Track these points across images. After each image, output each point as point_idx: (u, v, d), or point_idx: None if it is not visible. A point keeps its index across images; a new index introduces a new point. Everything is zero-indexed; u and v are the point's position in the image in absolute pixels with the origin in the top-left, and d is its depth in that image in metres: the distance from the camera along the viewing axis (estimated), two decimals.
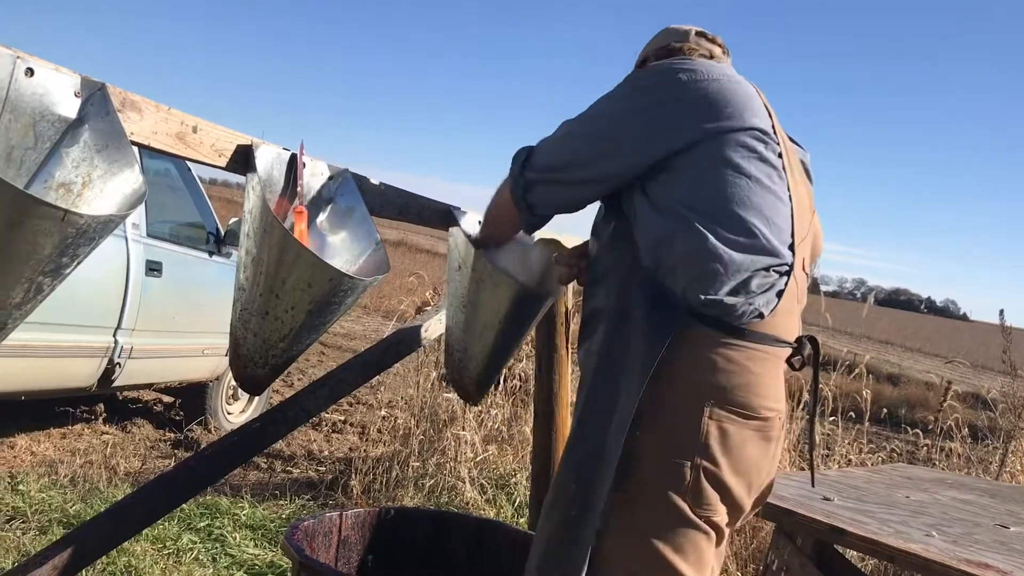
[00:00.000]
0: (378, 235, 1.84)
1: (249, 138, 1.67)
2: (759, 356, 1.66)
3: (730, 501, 1.66)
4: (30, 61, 1.32)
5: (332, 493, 4.56)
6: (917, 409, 15.61)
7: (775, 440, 1.72)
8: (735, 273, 1.62)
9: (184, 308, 5.35)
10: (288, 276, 1.63)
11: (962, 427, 5.71)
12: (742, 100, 1.70)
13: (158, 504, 1.75)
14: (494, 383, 2.31)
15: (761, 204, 1.66)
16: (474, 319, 2.05)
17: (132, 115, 1.45)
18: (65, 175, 1.38)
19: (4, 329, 1.31)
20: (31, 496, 3.90)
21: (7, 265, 1.22)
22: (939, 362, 28.12)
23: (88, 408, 5.64)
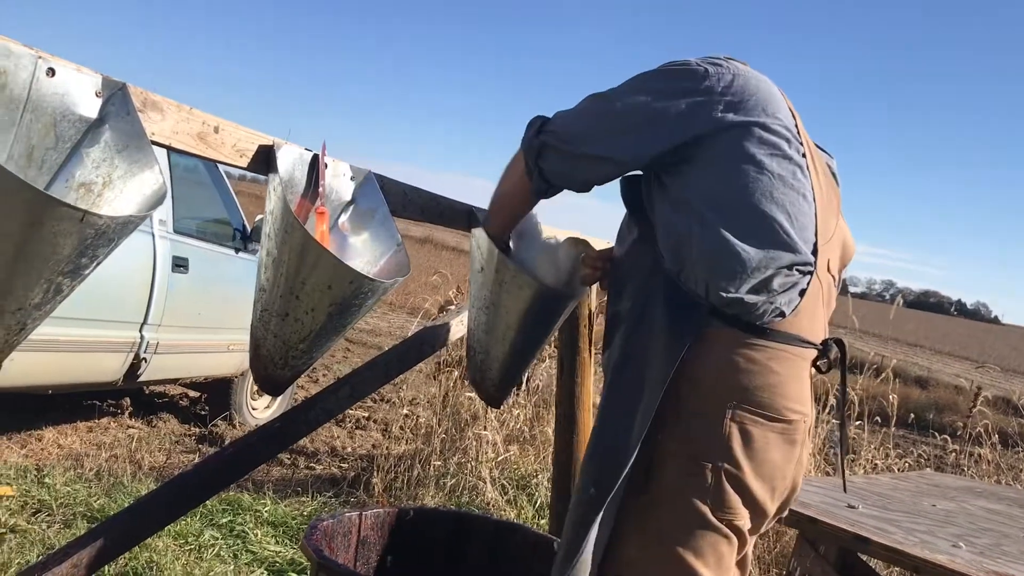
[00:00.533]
0: (399, 236, 1.83)
1: (271, 138, 1.66)
2: (782, 356, 1.63)
3: (753, 505, 1.64)
4: (51, 61, 1.32)
5: (354, 490, 4.57)
6: (946, 413, 15.44)
7: (800, 444, 1.69)
8: (755, 271, 1.60)
9: (210, 304, 5.38)
10: (308, 278, 1.62)
11: (992, 433, 5.63)
12: (766, 96, 1.68)
13: (178, 503, 1.75)
14: (516, 386, 2.27)
15: (783, 201, 1.63)
16: (496, 321, 2.02)
17: (153, 115, 1.44)
18: (86, 175, 1.38)
19: (24, 330, 1.31)
20: (56, 489, 3.94)
21: (26, 266, 1.22)
22: (969, 366, 27.82)
23: (115, 402, 5.68)
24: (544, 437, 4.88)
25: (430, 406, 4.99)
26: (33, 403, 5.11)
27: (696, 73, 1.66)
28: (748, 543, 1.72)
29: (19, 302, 1.26)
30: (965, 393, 16.59)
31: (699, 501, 1.60)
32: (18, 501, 3.74)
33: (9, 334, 1.30)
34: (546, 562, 2.35)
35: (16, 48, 1.27)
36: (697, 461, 1.60)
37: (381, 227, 1.83)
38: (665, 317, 1.65)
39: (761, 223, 1.62)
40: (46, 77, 1.32)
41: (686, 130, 1.64)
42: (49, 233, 1.19)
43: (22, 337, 1.33)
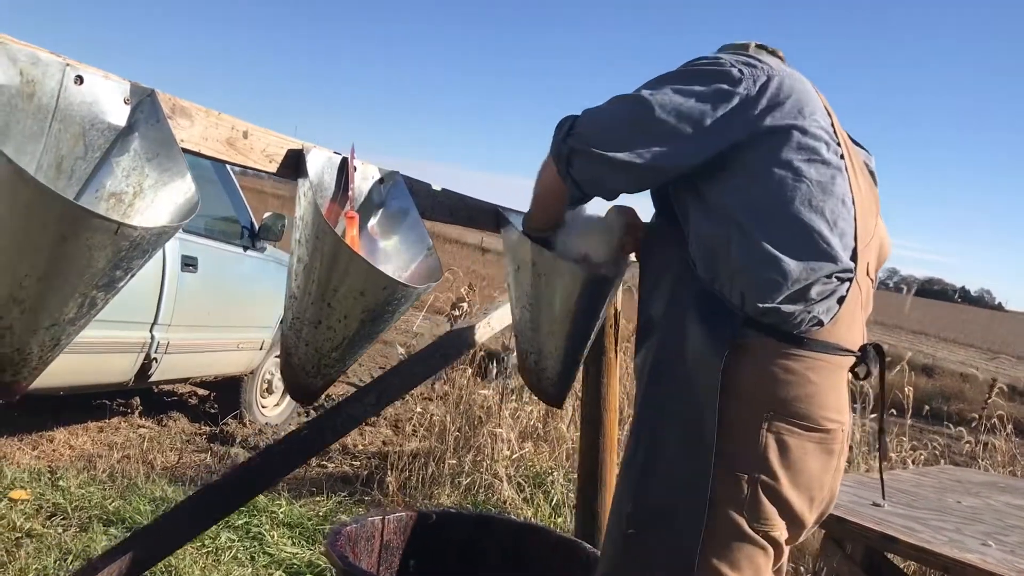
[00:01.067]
0: (430, 240, 1.79)
1: (300, 143, 1.63)
2: (820, 366, 1.59)
3: (790, 516, 1.61)
4: (79, 68, 1.28)
5: (368, 489, 4.54)
6: (952, 401, 15.42)
7: (838, 453, 1.66)
8: (794, 282, 1.55)
9: (219, 303, 5.35)
10: (341, 285, 1.59)
11: (1007, 423, 5.60)
12: (802, 98, 1.63)
13: (206, 515, 1.72)
14: (574, 380, 2.18)
15: (823, 208, 1.59)
16: (541, 316, 1.94)
17: (182, 121, 1.41)
18: (116, 185, 1.35)
19: (58, 346, 1.28)
20: (71, 492, 3.91)
21: (61, 280, 1.19)
22: (974, 353, 27.80)
23: (124, 402, 5.66)
24: (558, 434, 4.85)
25: (443, 403, 4.95)
26: (44, 405, 5.09)
27: (730, 75, 1.59)
28: (784, 553, 1.69)
29: (53, 317, 1.23)
30: (972, 381, 16.57)
31: (735, 512, 1.57)
32: (33, 504, 3.72)
33: (43, 350, 1.27)
34: (568, 564, 2.33)
35: (44, 56, 1.24)
36: (733, 472, 1.57)
37: (411, 230, 1.80)
38: (699, 328, 1.61)
39: (801, 233, 1.57)
40: (74, 85, 1.29)
41: (723, 138, 1.58)
42: (83, 246, 1.16)
43: (56, 353, 1.30)
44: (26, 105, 1.23)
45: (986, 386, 13.61)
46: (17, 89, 1.21)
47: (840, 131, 1.70)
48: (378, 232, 1.80)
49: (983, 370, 14.18)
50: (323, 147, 1.68)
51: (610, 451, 2.50)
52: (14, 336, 1.23)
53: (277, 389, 6.36)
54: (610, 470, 2.52)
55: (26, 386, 1.32)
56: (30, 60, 1.21)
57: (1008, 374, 15.54)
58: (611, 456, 2.51)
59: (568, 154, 1.65)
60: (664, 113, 1.58)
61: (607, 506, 2.50)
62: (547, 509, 4.29)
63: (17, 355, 1.26)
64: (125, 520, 3.67)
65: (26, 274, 1.17)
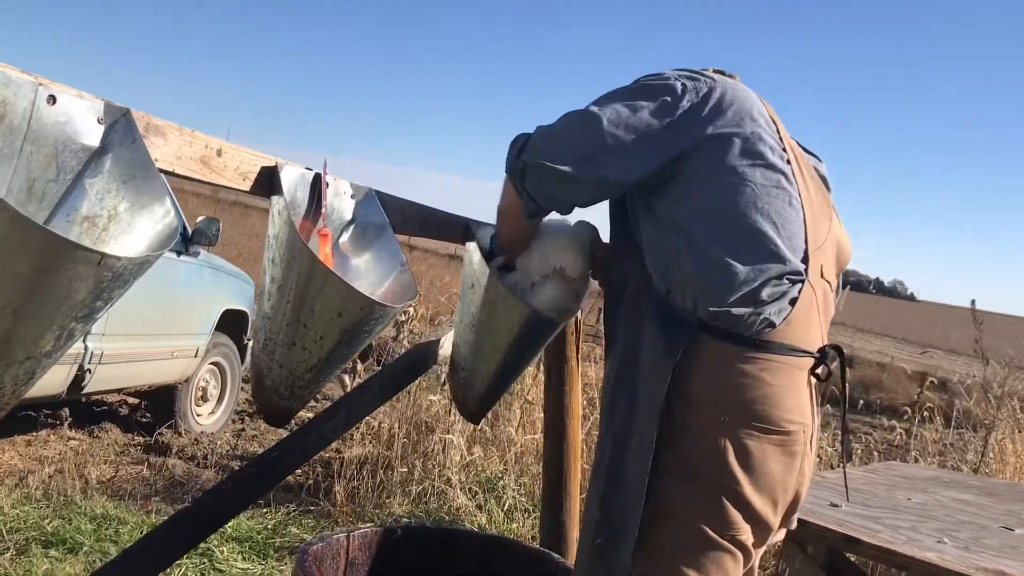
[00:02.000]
0: (403, 256, 1.76)
1: (273, 159, 1.58)
2: (775, 367, 1.61)
3: (754, 519, 1.62)
4: (52, 88, 1.22)
5: (315, 499, 4.46)
6: (872, 390, 15.89)
7: (801, 454, 1.67)
8: (743, 284, 1.58)
9: (153, 310, 5.20)
10: (316, 305, 1.55)
11: (936, 416, 5.78)
12: (745, 106, 1.66)
13: (178, 545, 1.66)
14: (496, 403, 2.24)
15: (768, 210, 1.61)
16: (484, 340, 1.98)
17: (156, 140, 1.35)
18: (89, 208, 1.29)
19: (32, 379, 1.21)
20: (5, 512, 3.75)
21: (39, 312, 1.13)
22: (890, 342, 28.69)
23: (52, 413, 5.47)
24: (507, 437, 4.83)
25: (391, 409, 4.89)
26: None
27: (673, 88, 1.64)
28: (754, 556, 1.71)
29: (28, 351, 1.17)
30: (890, 370, 17.10)
31: (700, 520, 1.58)
32: None
33: (17, 385, 1.20)
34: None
35: (15, 75, 1.17)
36: (694, 478, 1.58)
37: (384, 247, 1.77)
38: (655, 335, 1.63)
39: (747, 235, 1.60)
40: (47, 105, 1.22)
41: (668, 148, 1.62)
42: (64, 278, 1.10)
43: (29, 387, 1.23)
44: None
45: (903, 375, 14.02)
46: None
47: (787, 138, 1.73)
48: (350, 249, 1.76)
49: (915, 363, 14.64)
50: (295, 164, 1.64)
51: (575, 459, 2.49)
52: None
53: (212, 397, 6.23)
54: (574, 478, 2.52)
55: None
56: (1, 81, 1.15)
57: (918, 361, 16.09)
58: (575, 464, 2.51)
59: (522, 169, 1.68)
60: (611, 126, 1.62)
61: (573, 515, 2.49)
62: (500, 516, 4.28)
63: None
64: (66, 541, 3.54)
65: (1, 306, 1.11)
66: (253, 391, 1.69)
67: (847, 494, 2.23)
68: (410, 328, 6.38)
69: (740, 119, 1.63)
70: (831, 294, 1.82)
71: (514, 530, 4.16)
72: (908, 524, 2.70)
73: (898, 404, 8.84)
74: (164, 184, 1.30)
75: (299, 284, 1.54)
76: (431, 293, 11.09)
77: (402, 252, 1.77)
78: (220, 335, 6.05)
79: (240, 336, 6.36)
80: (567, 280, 1.88)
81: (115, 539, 3.64)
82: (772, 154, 1.64)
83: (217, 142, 1.46)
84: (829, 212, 1.82)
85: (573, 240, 1.89)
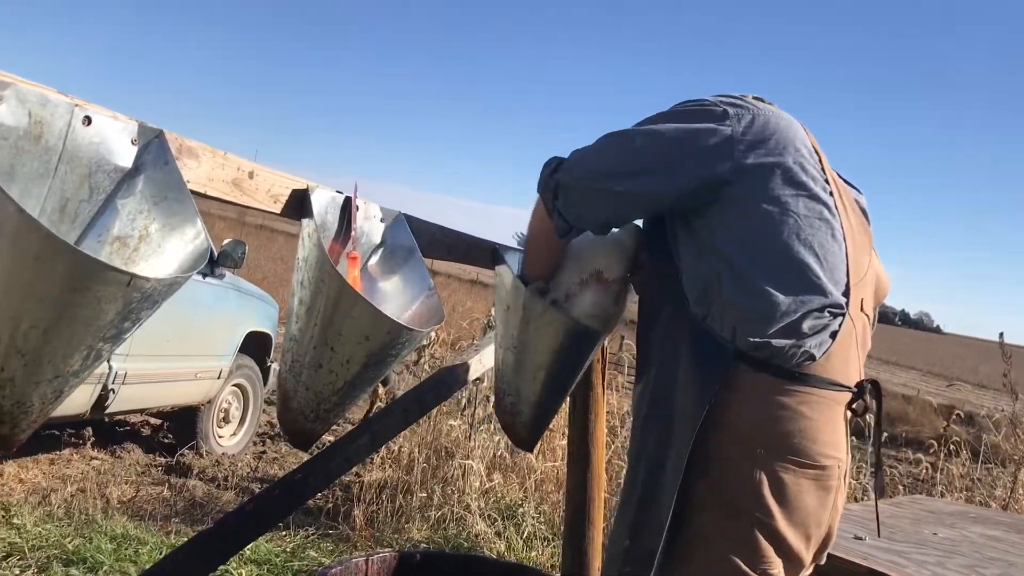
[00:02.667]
0: (431, 280, 1.76)
1: (304, 182, 1.59)
2: (813, 400, 1.58)
3: (787, 554, 1.59)
4: (88, 109, 1.23)
5: (334, 523, 4.44)
6: (898, 423, 15.69)
7: (835, 489, 1.65)
8: (784, 315, 1.55)
9: (177, 331, 5.22)
10: (344, 328, 1.55)
11: (963, 449, 5.70)
12: (788, 135, 1.64)
13: (198, 567, 1.65)
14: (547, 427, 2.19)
15: (811, 242, 1.59)
16: (525, 360, 1.93)
17: (189, 162, 1.36)
18: (121, 228, 1.29)
19: (59, 398, 1.22)
20: (27, 530, 3.76)
21: (68, 332, 1.13)
22: (915, 375, 28.38)
23: (76, 432, 5.49)
24: (527, 464, 4.80)
25: (412, 434, 4.87)
26: None
27: (714, 113, 1.62)
28: None
29: (56, 370, 1.17)
30: (915, 402, 16.89)
31: (732, 552, 1.56)
32: None
33: (44, 403, 1.20)
34: None
35: (53, 96, 1.18)
36: (728, 510, 1.56)
37: (412, 270, 1.77)
38: (691, 362, 1.61)
39: (789, 266, 1.58)
40: (82, 126, 1.23)
41: (707, 171, 1.60)
42: (93, 298, 1.11)
43: (56, 406, 1.23)
44: (32, 147, 1.17)
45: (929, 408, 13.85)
46: (25, 131, 1.15)
47: (829, 170, 1.71)
48: (378, 272, 1.76)
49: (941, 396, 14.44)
50: (326, 187, 1.64)
51: (598, 488, 2.47)
52: (15, 388, 1.17)
53: (234, 419, 6.24)
54: (598, 507, 2.49)
55: (24, 439, 1.26)
56: (39, 101, 1.16)
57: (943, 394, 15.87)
58: (599, 492, 2.48)
59: (555, 187, 1.68)
60: (647, 146, 1.62)
61: (596, 544, 2.47)
62: (519, 543, 4.24)
63: (17, 408, 1.19)
64: (86, 560, 3.54)
65: (31, 325, 1.11)
66: (279, 413, 1.69)
67: (879, 529, 2.19)
68: (431, 352, 6.38)
69: (783, 148, 1.61)
70: (869, 328, 1.79)
71: (533, 558, 4.12)
72: (935, 559, 2.65)
73: (924, 437, 8.73)
74: (195, 206, 1.30)
75: (327, 306, 1.54)
76: (453, 318, 11.10)
77: (430, 277, 1.77)
78: (243, 357, 6.07)
79: (263, 358, 6.38)
80: (605, 282, 1.84)
81: (135, 559, 3.64)
82: (815, 185, 1.62)
83: (249, 164, 1.47)
84: (869, 245, 1.80)
85: (609, 242, 1.85)
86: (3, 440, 1.23)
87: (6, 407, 1.18)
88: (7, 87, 1.12)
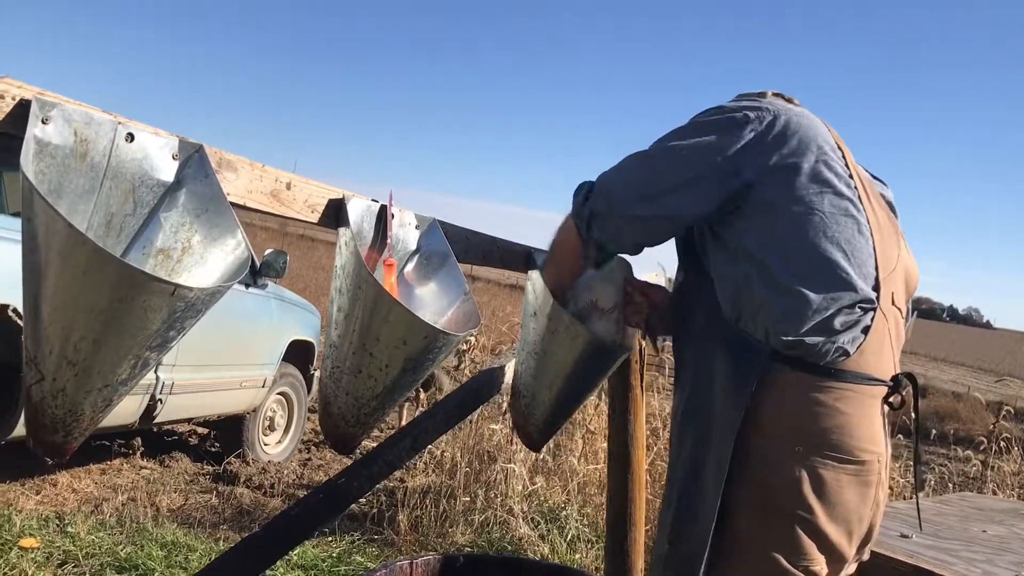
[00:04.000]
0: (467, 286, 1.78)
1: (340, 192, 1.62)
2: (849, 396, 1.58)
3: (829, 550, 1.59)
4: (130, 126, 1.27)
5: (379, 528, 4.49)
6: (947, 421, 15.43)
7: (875, 484, 1.64)
8: (816, 312, 1.56)
9: (222, 341, 5.31)
10: (382, 333, 1.58)
11: (1014, 446, 5.60)
12: (810, 134, 1.64)
13: (247, 570, 1.69)
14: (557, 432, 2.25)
15: (838, 238, 1.59)
16: (545, 368, 1.99)
17: (228, 175, 1.40)
18: (164, 241, 1.33)
19: (109, 406, 1.26)
20: (80, 538, 3.85)
21: (116, 341, 1.17)
22: (965, 371, 27.90)
23: (125, 442, 5.61)
24: (569, 467, 4.81)
25: (454, 439, 4.91)
26: None
27: (735, 120, 1.63)
28: None
29: (106, 379, 1.21)
30: (965, 400, 16.60)
31: (774, 551, 1.56)
32: (43, 552, 3.66)
33: (95, 411, 1.25)
34: None
35: (97, 116, 1.23)
36: (769, 508, 1.56)
37: (448, 276, 1.79)
38: (727, 365, 1.62)
39: (819, 264, 1.58)
40: (125, 143, 1.27)
41: (734, 179, 1.61)
42: (139, 308, 1.14)
43: (106, 414, 1.28)
44: (79, 164, 1.21)
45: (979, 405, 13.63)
46: (71, 149, 1.19)
47: (853, 164, 1.70)
48: (414, 278, 1.79)
49: (992, 392, 14.18)
50: (361, 196, 1.67)
51: (639, 489, 2.48)
52: (67, 397, 1.21)
53: (279, 427, 6.32)
54: (639, 508, 2.50)
55: (76, 447, 1.30)
56: (84, 120, 1.20)
57: (993, 391, 15.57)
58: (640, 494, 2.49)
59: (588, 216, 1.70)
60: (676, 165, 1.63)
61: (638, 545, 2.47)
62: (563, 546, 4.25)
63: (69, 416, 1.24)
64: (138, 567, 3.62)
65: (81, 336, 1.16)
66: (320, 418, 1.72)
67: (920, 524, 2.17)
68: (471, 357, 6.41)
69: (806, 147, 1.61)
70: (902, 321, 1.79)
71: (577, 561, 4.13)
72: (983, 557, 2.61)
73: (974, 434, 8.58)
74: (235, 217, 1.34)
75: (365, 313, 1.57)
76: (493, 323, 11.14)
77: (466, 282, 1.79)
78: (287, 365, 6.15)
79: (307, 366, 6.46)
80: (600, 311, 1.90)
81: (185, 566, 3.71)
82: (839, 181, 1.63)
83: (287, 176, 1.51)
84: (897, 238, 1.79)
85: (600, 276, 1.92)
86: (57, 448, 1.27)
87: (59, 415, 1.23)
88: (53, 107, 1.17)
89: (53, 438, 1.25)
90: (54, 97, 1.16)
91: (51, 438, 1.25)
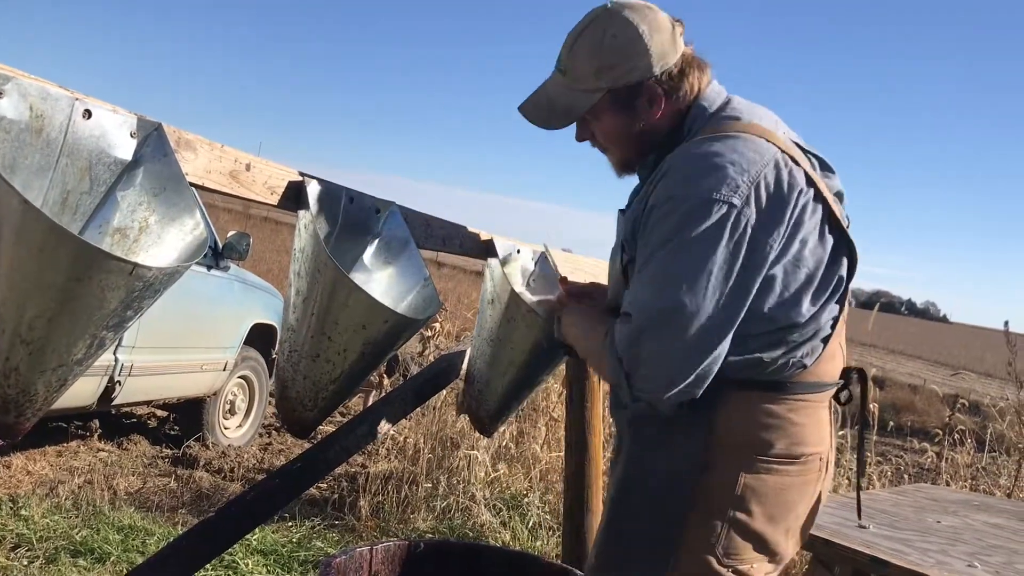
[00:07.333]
0: (427, 271, 1.78)
1: (300, 174, 1.61)
2: (801, 406, 1.59)
3: (765, 549, 1.60)
4: (87, 102, 1.25)
5: (340, 513, 4.48)
6: (904, 413, 15.67)
7: (815, 480, 1.65)
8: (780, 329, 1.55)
9: (183, 323, 5.26)
10: (341, 317, 1.57)
11: (968, 438, 5.71)
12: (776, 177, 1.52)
13: (198, 554, 1.68)
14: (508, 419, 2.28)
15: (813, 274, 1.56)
16: (500, 355, 2.02)
17: (186, 154, 1.38)
18: (121, 220, 1.32)
19: (64, 386, 1.25)
20: (35, 521, 3.80)
21: (72, 320, 1.16)
22: (922, 364, 28.32)
23: (83, 424, 5.54)
24: (532, 454, 4.83)
25: (417, 426, 4.91)
26: None
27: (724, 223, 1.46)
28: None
29: (61, 359, 1.20)
30: (921, 392, 16.86)
31: (706, 553, 1.56)
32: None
33: (49, 391, 1.24)
34: None
35: (53, 91, 1.21)
36: (711, 515, 1.56)
37: (408, 261, 1.79)
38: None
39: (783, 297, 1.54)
40: (82, 119, 1.26)
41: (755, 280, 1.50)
42: (96, 287, 1.13)
43: (60, 394, 1.26)
44: (34, 140, 1.19)
45: (935, 398, 13.83)
46: (26, 124, 1.17)
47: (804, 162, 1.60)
48: (373, 263, 1.79)
49: (947, 385, 14.40)
50: (322, 178, 1.66)
51: (596, 475, 2.50)
52: (20, 377, 1.20)
53: (239, 410, 6.28)
54: (596, 494, 2.52)
55: (29, 427, 1.29)
56: (40, 95, 1.18)
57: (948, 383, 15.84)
58: (597, 480, 2.51)
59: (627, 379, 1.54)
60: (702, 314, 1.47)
61: (594, 531, 2.49)
62: (524, 533, 4.27)
63: (22, 396, 1.22)
64: (94, 551, 3.58)
65: (35, 315, 1.14)
66: (277, 402, 1.72)
67: (859, 511, 2.21)
68: (436, 344, 6.40)
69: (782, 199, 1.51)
70: (847, 310, 1.78)
71: (538, 548, 4.15)
72: (937, 547, 2.66)
73: (930, 427, 8.73)
74: (194, 197, 1.33)
75: (324, 296, 1.56)
76: (458, 309, 11.13)
77: (425, 267, 1.79)
78: (249, 349, 6.10)
79: (269, 350, 6.42)
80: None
81: (142, 550, 3.68)
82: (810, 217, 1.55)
83: (246, 157, 1.50)
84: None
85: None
86: (8, 428, 1.26)
87: (11, 395, 1.21)
88: (8, 81, 1.15)
89: (5, 418, 1.23)
90: (9, 70, 1.14)
91: (3, 418, 1.23)
